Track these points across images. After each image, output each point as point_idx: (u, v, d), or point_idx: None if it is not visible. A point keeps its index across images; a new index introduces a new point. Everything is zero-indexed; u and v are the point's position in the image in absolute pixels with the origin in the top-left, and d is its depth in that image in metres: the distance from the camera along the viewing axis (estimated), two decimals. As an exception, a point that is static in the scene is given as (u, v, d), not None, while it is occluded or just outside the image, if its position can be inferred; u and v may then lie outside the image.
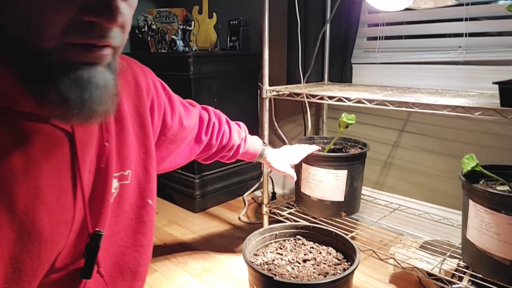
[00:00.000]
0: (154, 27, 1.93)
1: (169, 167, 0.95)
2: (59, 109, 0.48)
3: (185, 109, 0.94)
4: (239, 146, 1.12)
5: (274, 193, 1.88)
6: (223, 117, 1.10)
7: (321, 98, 1.29)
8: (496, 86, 0.91)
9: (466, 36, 1.36)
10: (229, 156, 1.13)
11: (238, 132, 1.12)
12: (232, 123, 1.12)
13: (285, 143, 1.95)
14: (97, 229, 0.62)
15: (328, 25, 1.60)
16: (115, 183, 0.67)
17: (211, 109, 1.09)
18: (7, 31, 0.46)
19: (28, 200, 0.52)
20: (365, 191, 1.60)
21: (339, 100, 1.23)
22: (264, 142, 1.24)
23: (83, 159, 0.59)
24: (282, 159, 1.27)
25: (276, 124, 1.94)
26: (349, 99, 1.20)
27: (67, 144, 0.57)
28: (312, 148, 1.33)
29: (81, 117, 0.49)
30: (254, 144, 1.19)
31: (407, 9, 1.42)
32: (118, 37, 0.50)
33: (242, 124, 1.18)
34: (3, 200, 0.50)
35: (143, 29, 1.96)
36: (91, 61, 0.48)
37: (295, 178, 1.31)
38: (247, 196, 1.97)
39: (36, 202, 0.53)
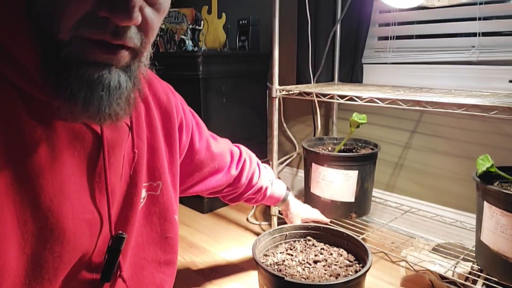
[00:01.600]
0: (163, 27, 1.93)
1: (191, 192, 0.95)
2: (67, 103, 0.47)
3: (213, 138, 0.95)
4: (267, 188, 1.10)
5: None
6: (255, 157, 1.09)
7: (332, 97, 1.28)
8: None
9: (479, 35, 1.33)
10: (256, 199, 1.11)
11: (268, 174, 1.11)
12: (261, 164, 1.11)
13: (294, 144, 1.94)
14: (120, 231, 0.62)
15: (338, 24, 1.59)
16: (143, 193, 0.67)
17: (242, 147, 1.08)
18: (39, 21, 0.46)
19: (53, 195, 0.51)
20: (376, 193, 1.58)
21: (350, 99, 1.21)
22: (287, 187, 1.22)
23: (109, 160, 0.58)
24: (299, 211, 1.24)
25: (285, 125, 1.93)
26: (360, 98, 1.19)
27: (93, 143, 0.57)
28: (325, 219, 1.29)
29: (89, 115, 0.49)
30: (279, 188, 1.18)
31: (419, 8, 1.40)
32: (137, 38, 0.49)
33: (268, 166, 1.16)
34: (28, 193, 0.49)
35: (152, 29, 1.96)
36: (104, 61, 0.48)
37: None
38: (255, 197, 1.96)
39: (61, 198, 0.52)
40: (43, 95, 0.49)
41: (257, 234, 1.08)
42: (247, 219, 1.72)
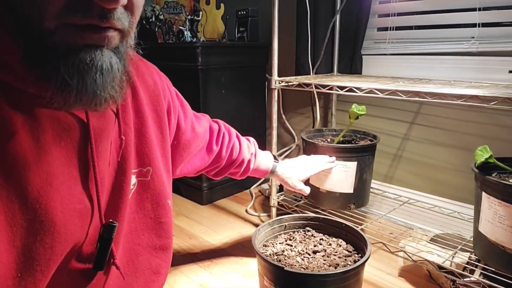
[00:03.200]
0: (161, 17, 1.92)
1: (179, 174, 0.94)
2: (60, 93, 0.46)
3: (196, 117, 0.94)
4: (249, 161, 1.09)
5: (281, 186, 1.87)
6: (233, 131, 1.08)
7: (331, 89, 1.27)
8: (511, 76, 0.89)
9: (479, 26, 1.33)
10: (240, 172, 1.11)
11: (248, 146, 1.10)
12: (242, 138, 1.10)
13: (293, 136, 1.94)
14: (111, 220, 0.61)
15: (338, 15, 1.58)
16: (133, 179, 0.67)
17: (221, 122, 1.07)
18: (17, 10, 0.45)
19: (40, 187, 0.51)
20: (374, 184, 1.59)
21: (350, 90, 1.21)
22: (275, 158, 1.20)
23: (97, 149, 0.57)
24: (294, 174, 1.22)
25: (283, 116, 1.93)
26: (360, 89, 1.19)
27: (80, 132, 0.56)
28: (329, 165, 1.27)
29: (84, 101, 0.48)
30: (265, 160, 1.16)
31: (419, -2, 1.40)
32: (124, 19, 0.48)
33: (252, 139, 1.15)
34: (15, 186, 0.49)
35: (150, 20, 1.94)
36: (95, 43, 0.47)
37: (308, 193, 1.26)
38: (254, 189, 1.96)
39: (49, 189, 0.52)
40: (30, 88, 0.48)
41: (256, 225, 1.08)
42: (246, 211, 1.72)
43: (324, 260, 0.95)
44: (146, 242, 0.72)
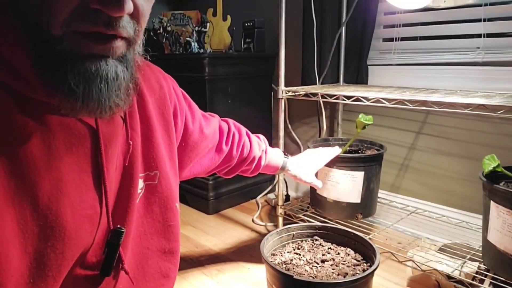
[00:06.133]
0: (169, 29, 1.95)
1: (188, 176, 0.94)
2: (67, 99, 0.47)
3: (204, 118, 0.94)
4: (260, 158, 1.09)
5: (288, 195, 1.87)
6: (243, 129, 1.08)
7: (338, 98, 1.28)
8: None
9: (484, 36, 1.34)
10: (251, 170, 1.10)
11: (259, 144, 1.10)
12: (252, 135, 1.10)
13: (298, 146, 1.94)
14: (118, 225, 0.62)
15: (344, 26, 1.59)
16: (140, 183, 0.67)
17: (231, 121, 1.07)
18: (28, 17, 0.46)
19: (51, 193, 0.52)
20: (381, 194, 1.58)
21: (357, 99, 1.22)
22: (285, 154, 1.20)
23: (106, 155, 0.58)
24: (306, 169, 1.22)
25: (290, 126, 1.94)
26: (367, 99, 1.20)
27: (90, 139, 0.57)
28: (335, 152, 1.29)
29: (90, 109, 0.49)
30: (275, 156, 1.16)
31: (423, 9, 1.41)
32: (130, 27, 0.49)
33: (262, 136, 1.15)
34: (26, 192, 0.50)
35: (158, 31, 1.97)
36: (100, 53, 0.48)
37: (321, 186, 1.27)
38: (260, 198, 1.97)
39: (59, 196, 0.52)
40: (39, 95, 0.49)
41: (263, 235, 1.08)
42: (253, 220, 1.72)
43: (333, 269, 0.95)
44: (155, 245, 0.72)
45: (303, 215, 1.46)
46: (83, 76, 0.47)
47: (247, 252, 1.45)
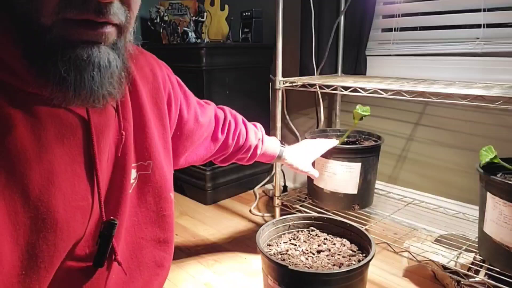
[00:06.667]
0: (166, 19, 1.93)
1: (184, 164, 0.93)
2: (59, 88, 0.47)
3: (200, 106, 0.93)
4: (256, 146, 1.08)
5: (285, 186, 1.87)
6: (239, 117, 1.07)
7: (335, 89, 1.28)
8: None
9: (484, 27, 1.33)
10: (247, 158, 1.10)
11: (255, 132, 1.09)
12: (249, 124, 1.09)
13: (296, 137, 1.94)
14: (111, 217, 0.61)
15: (342, 16, 1.58)
16: (133, 173, 0.67)
17: (227, 108, 1.06)
18: (15, 8, 0.45)
19: (41, 185, 0.51)
20: (379, 185, 1.58)
21: (354, 90, 1.21)
22: (282, 143, 1.19)
23: (98, 146, 0.58)
24: (302, 158, 1.22)
25: (287, 117, 1.93)
26: (364, 89, 1.19)
27: (82, 130, 0.56)
28: (332, 143, 1.28)
29: (82, 98, 0.48)
30: (272, 145, 1.15)
31: (424, -1, 1.40)
32: (121, 14, 0.48)
33: (258, 124, 1.14)
34: (16, 185, 0.49)
35: (155, 21, 1.95)
36: (92, 39, 0.47)
37: (318, 176, 1.27)
38: (258, 189, 1.97)
39: (50, 187, 0.52)
40: (30, 87, 0.48)
41: (260, 225, 1.08)
42: (250, 211, 1.72)
43: (328, 260, 0.95)
44: (149, 235, 0.72)
45: (300, 206, 1.46)
46: (74, 63, 0.46)
47: (244, 242, 1.45)
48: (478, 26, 1.34)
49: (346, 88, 1.24)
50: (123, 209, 0.63)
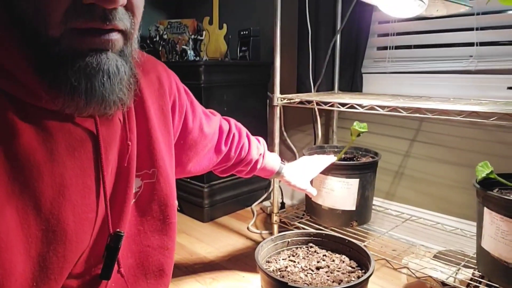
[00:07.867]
0: (165, 37, 1.96)
1: (186, 174, 0.93)
2: (71, 97, 0.47)
3: (206, 116, 0.93)
4: (257, 161, 1.09)
5: (283, 203, 1.87)
6: (244, 130, 1.08)
7: (332, 105, 1.29)
8: (510, 91, 0.91)
9: (477, 45, 1.36)
10: (246, 171, 1.10)
11: (257, 147, 1.10)
12: (252, 138, 1.10)
13: (294, 153, 1.94)
14: (118, 229, 0.61)
15: (338, 35, 1.61)
16: (137, 182, 0.67)
17: (232, 120, 1.07)
18: (24, 21, 0.46)
19: (53, 198, 0.52)
20: (376, 201, 1.59)
21: (351, 107, 1.22)
22: (282, 160, 1.20)
23: (106, 158, 0.58)
24: (301, 176, 1.22)
25: (285, 134, 1.94)
26: (361, 106, 1.20)
27: (91, 142, 0.57)
28: (330, 159, 1.29)
29: (94, 105, 0.49)
30: (272, 161, 1.16)
31: (417, 18, 1.43)
32: (126, 19, 0.49)
33: (262, 139, 1.15)
34: (29, 198, 0.50)
35: (154, 39, 1.98)
36: (100, 47, 0.48)
37: (315, 194, 1.28)
38: (255, 206, 1.96)
39: (61, 200, 0.53)
40: (41, 102, 0.49)
41: (258, 243, 1.07)
42: (248, 228, 1.72)
43: (328, 276, 0.95)
44: (157, 243, 0.71)
45: (298, 222, 1.46)
46: (84, 71, 0.47)
47: (242, 260, 1.44)
48: (471, 44, 1.37)
49: (343, 104, 1.25)
50: (125, 218, 0.63)
